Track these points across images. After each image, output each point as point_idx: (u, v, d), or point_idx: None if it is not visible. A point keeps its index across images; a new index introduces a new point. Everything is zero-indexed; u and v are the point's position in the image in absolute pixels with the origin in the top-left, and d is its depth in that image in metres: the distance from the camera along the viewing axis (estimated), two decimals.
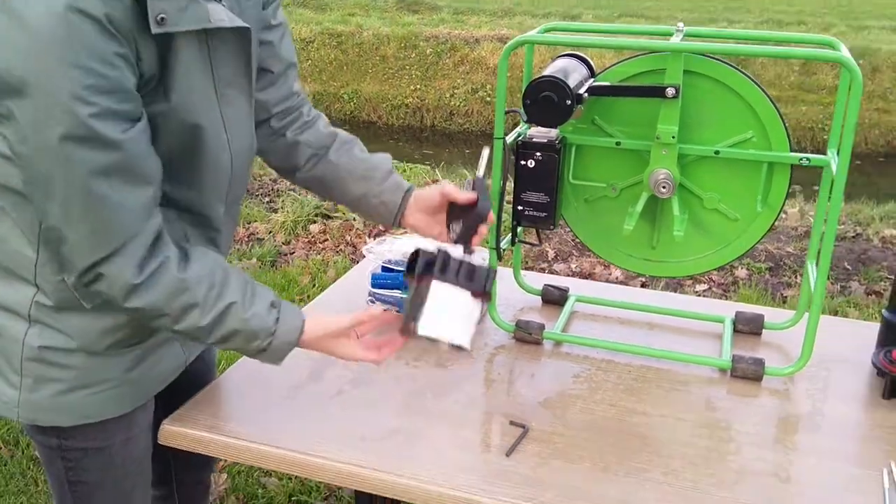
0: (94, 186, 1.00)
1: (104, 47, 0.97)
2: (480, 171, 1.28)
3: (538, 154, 1.46)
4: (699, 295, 3.74)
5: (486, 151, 1.29)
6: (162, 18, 1.00)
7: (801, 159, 1.39)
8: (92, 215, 1.02)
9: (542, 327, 1.56)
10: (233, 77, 1.16)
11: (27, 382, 1.18)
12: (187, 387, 1.39)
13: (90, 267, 1.06)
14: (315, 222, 4.60)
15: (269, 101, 1.37)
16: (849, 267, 4.01)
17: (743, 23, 11.96)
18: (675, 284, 3.73)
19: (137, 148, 1.03)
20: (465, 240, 1.28)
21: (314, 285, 3.77)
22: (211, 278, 1.13)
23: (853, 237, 4.40)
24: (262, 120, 1.39)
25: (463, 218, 1.29)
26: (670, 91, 1.36)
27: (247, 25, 1.13)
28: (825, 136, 8.59)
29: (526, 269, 3.98)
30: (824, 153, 1.45)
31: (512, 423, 1.30)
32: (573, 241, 4.24)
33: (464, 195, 1.30)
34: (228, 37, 1.12)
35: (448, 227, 1.35)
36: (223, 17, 1.09)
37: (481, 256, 1.32)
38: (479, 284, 1.23)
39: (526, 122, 1.47)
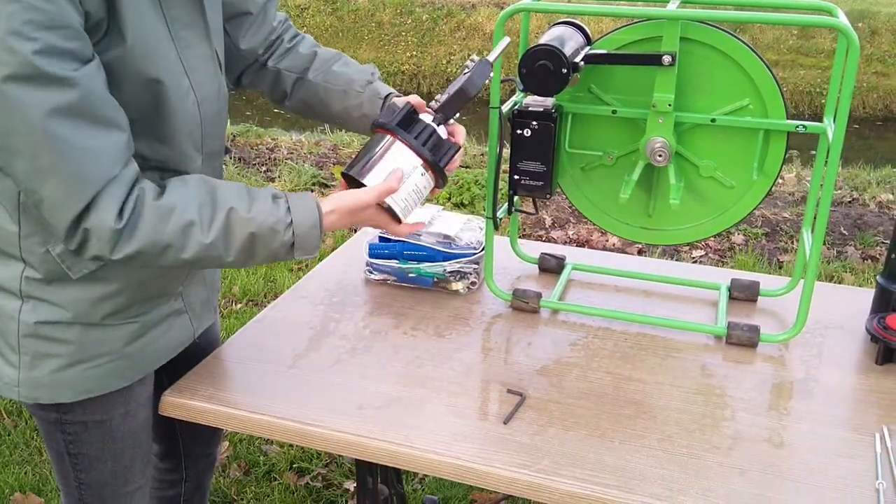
0: (55, 129, 0.97)
1: None
2: (492, 56, 1.30)
3: (534, 123, 1.46)
4: (696, 261, 3.76)
5: (505, 40, 1.32)
6: None
7: (797, 126, 1.38)
8: (61, 163, 0.99)
9: (538, 296, 1.57)
10: (188, 18, 1.13)
11: (26, 360, 1.18)
12: (187, 365, 1.38)
13: (73, 224, 1.03)
14: (313, 191, 4.59)
15: (255, 46, 1.38)
16: (845, 232, 4.01)
17: None
18: (672, 251, 3.74)
19: (93, 87, 0.99)
20: (444, 110, 1.27)
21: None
22: (198, 196, 1.10)
23: (849, 202, 4.41)
24: (252, 62, 1.40)
25: (450, 91, 1.28)
26: (666, 59, 1.35)
27: None
28: (823, 101, 8.56)
29: (523, 236, 3.99)
30: (822, 118, 1.44)
31: (509, 391, 1.32)
32: (570, 208, 4.24)
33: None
34: None
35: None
36: None
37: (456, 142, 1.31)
38: (435, 157, 1.24)
39: (522, 90, 1.47)
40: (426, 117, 1.27)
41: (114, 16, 1.03)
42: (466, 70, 1.28)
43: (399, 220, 1.27)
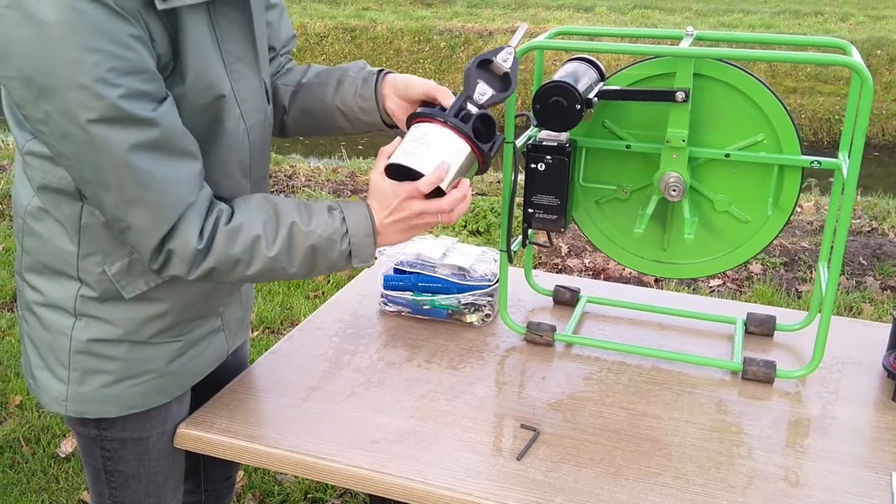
0: (138, 163, 1.04)
1: (118, 29, 1.00)
2: (514, 41, 1.26)
3: (548, 157, 1.47)
4: (713, 290, 3.74)
5: (523, 27, 1.29)
6: None
7: (811, 162, 1.38)
8: (145, 194, 1.06)
9: (553, 329, 1.57)
10: (240, 52, 1.19)
11: (75, 376, 1.23)
12: (218, 381, 1.43)
13: (158, 246, 1.11)
14: None
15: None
16: (864, 262, 3.98)
17: (759, 13, 11.85)
18: (690, 281, 3.72)
19: (171, 123, 1.07)
20: (486, 107, 1.24)
21: (328, 282, 3.79)
22: (262, 213, 1.17)
23: (868, 231, 4.37)
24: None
25: (492, 85, 1.24)
26: (680, 95, 1.36)
27: None
28: (842, 128, 8.50)
29: (539, 264, 3.99)
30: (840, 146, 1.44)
31: (523, 426, 1.32)
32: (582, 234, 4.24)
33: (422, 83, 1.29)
34: (230, 11, 1.15)
35: (468, 84, 1.25)
36: None
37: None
38: (487, 136, 1.21)
39: (536, 126, 1.48)
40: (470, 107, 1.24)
41: (178, 57, 1.09)
42: (505, 61, 1.24)
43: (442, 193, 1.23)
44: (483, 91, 1.24)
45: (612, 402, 1.38)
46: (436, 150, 1.20)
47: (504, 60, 1.25)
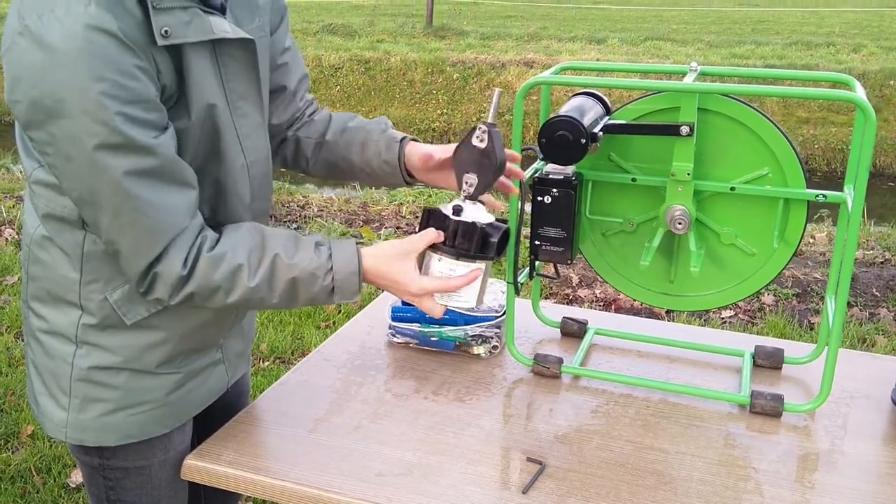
0: (136, 190, 1.07)
1: (124, 60, 1.03)
2: (491, 116, 1.26)
3: (554, 190, 1.48)
4: (724, 321, 3.72)
5: (497, 94, 1.26)
6: (166, 31, 1.07)
7: (817, 196, 1.39)
8: (140, 219, 1.09)
9: (560, 361, 1.57)
10: (244, 90, 1.22)
11: (75, 403, 1.25)
12: (219, 412, 1.44)
13: (146, 270, 1.13)
14: None
15: (283, 122, 1.46)
16: (877, 293, 3.95)
17: (771, 45, 11.90)
18: (701, 311, 3.71)
19: (169, 152, 1.10)
20: (479, 192, 1.26)
21: (339, 311, 3.80)
22: (249, 241, 1.19)
23: (882, 262, 4.35)
24: (277, 135, 1.47)
25: (478, 170, 1.25)
26: (684, 129, 1.37)
27: (250, 37, 1.19)
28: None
29: (550, 294, 3.99)
30: None
31: (529, 459, 1.31)
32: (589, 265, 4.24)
33: (440, 152, 1.32)
34: (236, 51, 1.18)
35: (459, 178, 1.27)
36: (227, 28, 1.15)
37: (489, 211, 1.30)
38: (475, 248, 1.25)
39: (542, 159, 1.49)
40: (469, 211, 1.26)
41: (183, 90, 1.13)
42: (481, 141, 1.25)
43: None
44: (471, 182, 1.26)
45: (619, 435, 1.38)
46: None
47: (480, 141, 1.25)
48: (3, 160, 7.22)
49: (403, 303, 1.69)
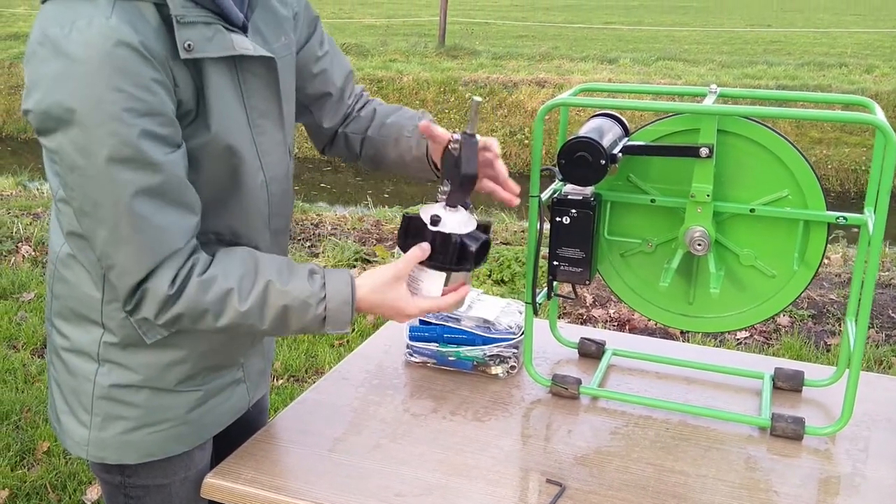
0: (138, 207, 1.07)
1: (142, 72, 1.04)
2: (471, 126, 1.25)
3: (573, 211, 1.49)
4: (740, 342, 3.70)
5: (474, 102, 1.25)
6: (189, 45, 1.08)
7: (837, 218, 1.39)
8: (138, 235, 1.09)
9: (578, 382, 1.56)
10: (265, 108, 1.23)
11: (97, 421, 1.26)
12: (238, 430, 1.44)
13: (135, 287, 1.12)
14: (355, 266, 4.65)
15: (336, 124, 1.48)
16: (894, 315, 3.93)
17: (783, 65, 11.90)
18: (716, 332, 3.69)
19: (177, 172, 1.10)
20: (454, 202, 1.25)
21: (353, 330, 3.81)
22: (241, 266, 1.18)
23: None
24: (332, 135, 1.50)
25: (450, 179, 1.25)
26: (704, 151, 1.37)
27: (271, 55, 1.20)
28: (869, 178, 8.44)
29: (564, 314, 3.98)
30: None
31: (549, 481, 1.31)
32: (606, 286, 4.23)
33: (438, 132, 1.29)
34: (257, 68, 1.19)
35: (441, 182, 1.28)
36: (248, 45, 1.16)
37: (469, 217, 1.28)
38: (451, 260, 1.25)
39: (561, 180, 1.50)
40: (438, 211, 1.26)
41: (202, 106, 1.13)
42: (454, 151, 1.24)
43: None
44: (444, 190, 1.26)
45: (639, 458, 1.37)
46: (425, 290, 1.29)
47: (454, 150, 1.25)
48: (20, 177, 7.29)
49: (421, 322, 1.70)
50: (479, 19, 19.71)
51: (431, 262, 1.26)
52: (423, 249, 1.25)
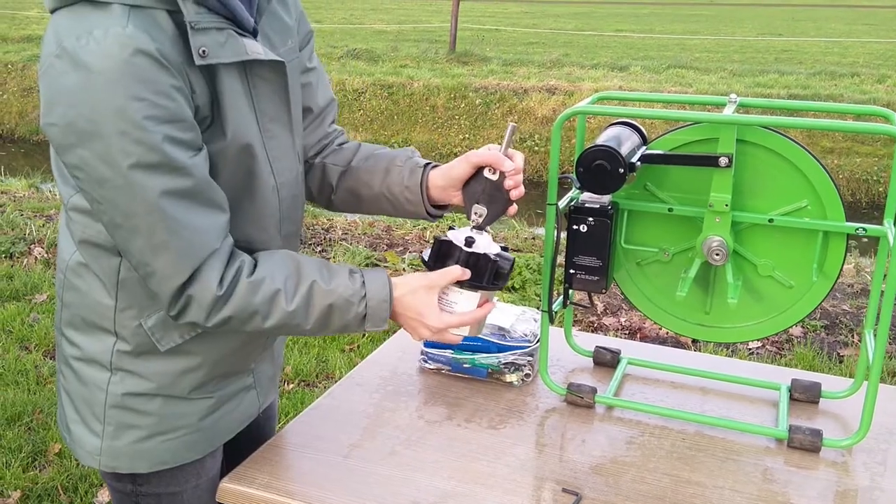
0: (171, 210, 1.07)
1: (161, 80, 1.04)
2: (503, 150, 1.29)
3: (590, 219, 1.48)
4: (752, 352, 3.68)
5: (511, 128, 1.28)
6: (203, 51, 1.08)
7: (856, 229, 1.38)
8: (174, 239, 1.09)
9: (593, 391, 1.56)
10: (275, 112, 1.23)
11: (109, 430, 1.25)
12: (248, 437, 1.44)
13: (178, 292, 1.13)
14: None
15: (308, 145, 1.44)
16: None
17: (794, 74, 11.88)
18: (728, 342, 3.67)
19: (203, 174, 1.11)
20: (485, 225, 1.30)
21: (363, 335, 3.81)
22: (284, 269, 1.20)
23: None
24: (304, 166, 1.45)
25: (488, 202, 1.30)
26: (723, 160, 1.37)
27: (281, 59, 1.20)
28: (880, 189, 8.45)
29: (575, 321, 3.97)
30: (879, 205, 1.44)
31: (565, 490, 1.30)
32: (622, 295, 4.22)
33: (501, 161, 1.28)
34: (266, 72, 1.19)
35: (468, 208, 1.31)
36: (259, 50, 1.16)
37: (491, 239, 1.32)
38: (486, 280, 1.28)
39: (579, 189, 1.50)
40: (481, 242, 1.29)
41: (217, 112, 1.14)
42: (493, 174, 1.29)
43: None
44: (480, 213, 1.30)
45: (655, 468, 1.37)
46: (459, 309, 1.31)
47: (492, 173, 1.29)
48: (33, 179, 7.33)
49: None
50: (490, 26, 19.75)
51: (468, 283, 1.29)
52: (462, 270, 1.27)
